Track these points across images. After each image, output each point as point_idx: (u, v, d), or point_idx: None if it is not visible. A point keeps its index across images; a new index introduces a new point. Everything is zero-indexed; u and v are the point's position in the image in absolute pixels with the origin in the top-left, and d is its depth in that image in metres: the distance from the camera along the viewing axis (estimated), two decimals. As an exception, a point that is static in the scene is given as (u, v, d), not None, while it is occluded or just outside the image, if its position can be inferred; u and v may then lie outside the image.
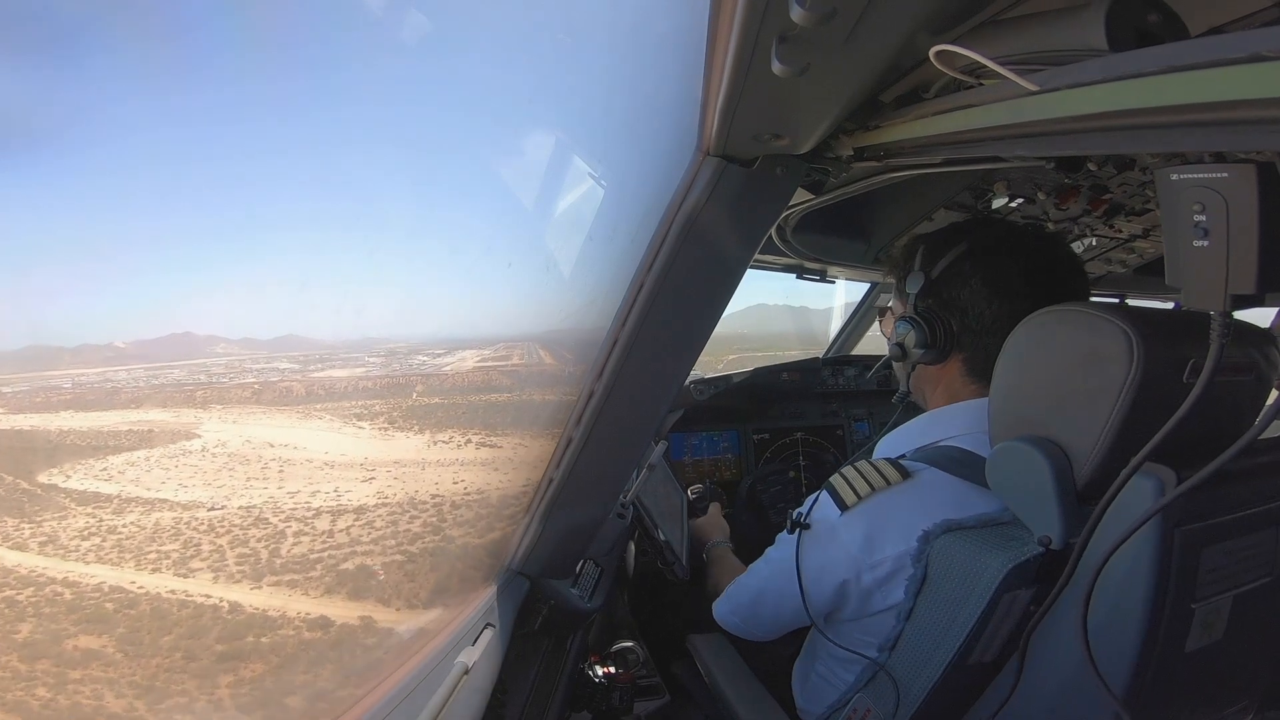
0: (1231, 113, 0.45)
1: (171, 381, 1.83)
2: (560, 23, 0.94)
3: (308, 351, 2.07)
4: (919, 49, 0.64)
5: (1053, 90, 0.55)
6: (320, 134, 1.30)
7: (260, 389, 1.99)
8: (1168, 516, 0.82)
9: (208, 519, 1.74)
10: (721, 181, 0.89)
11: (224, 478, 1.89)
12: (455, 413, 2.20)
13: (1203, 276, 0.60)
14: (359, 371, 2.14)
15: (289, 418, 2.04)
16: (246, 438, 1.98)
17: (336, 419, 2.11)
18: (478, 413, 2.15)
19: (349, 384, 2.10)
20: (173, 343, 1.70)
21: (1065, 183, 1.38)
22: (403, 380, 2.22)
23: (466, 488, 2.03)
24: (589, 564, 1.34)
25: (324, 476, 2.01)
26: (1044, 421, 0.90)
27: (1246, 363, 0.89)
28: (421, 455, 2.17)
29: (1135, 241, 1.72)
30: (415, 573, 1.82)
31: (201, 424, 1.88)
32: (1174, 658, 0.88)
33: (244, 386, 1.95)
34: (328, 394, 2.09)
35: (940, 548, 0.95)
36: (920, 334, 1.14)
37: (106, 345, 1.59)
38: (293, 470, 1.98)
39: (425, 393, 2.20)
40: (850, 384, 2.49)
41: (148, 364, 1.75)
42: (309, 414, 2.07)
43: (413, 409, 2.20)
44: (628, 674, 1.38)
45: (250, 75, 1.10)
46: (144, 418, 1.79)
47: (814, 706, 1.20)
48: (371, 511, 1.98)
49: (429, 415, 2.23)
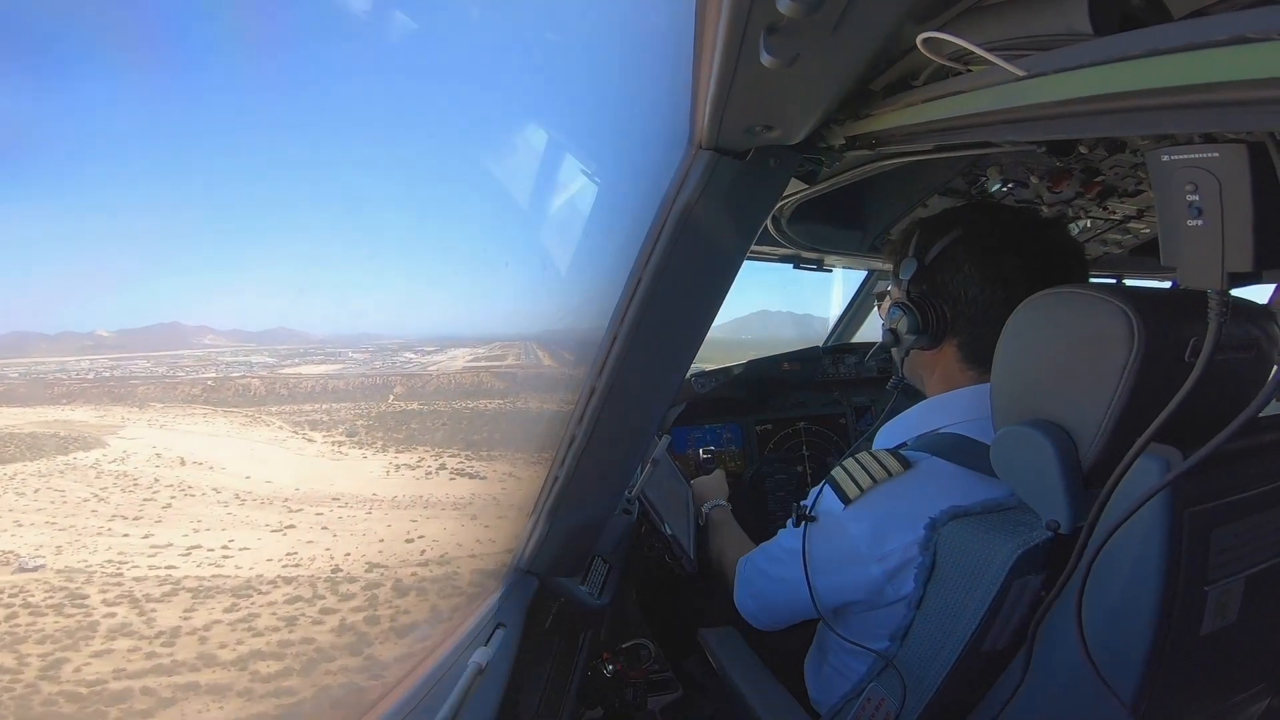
0: (1218, 94, 0.45)
1: (127, 373, 1.56)
2: (548, 19, 0.94)
3: (293, 345, 1.82)
4: (906, 37, 0.64)
5: (1040, 75, 0.55)
6: (318, 133, 1.30)
7: (216, 385, 1.69)
8: (1177, 499, 0.81)
9: (5, 584, 1.26)
10: (715, 174, 0.89)
11: (81, 513, 1.43)
12: (433, 424, 1.87)
13: (1198, 255, 0.60)
14: (334, 369, 1.83)
15: (230, 423, 1.68)
16: (159, 450, 1.60)
17: (287, 426, 1.75)
18: (460, 424, 1.86)
19: (317, 383, 1.79)
20: (160, 332, 1.58)
21: (1057, 166, 1.38)
22: (380, 380, 1.92)
23: (425, 551, 1.43)
24: (597, 561, 1.34)
25: (222, 519, 1.51)
26: (1047, 405, 0.90)
27: (1247, 340, 0.88)
28: (373, 489, 1.72)
29: (1129, 222, 1.72)
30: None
31: (121, 428, 1.55)
32: (1189, 642, 0.87)
33: (197, 382, 1.67)
34: (290, 394, 1.77)
35: (948, 534, 0.95)
36: (913, 320, 1.14)
37: (89, 334, 1.49)
38: (183, 507, 1.51)
39: (404, 396, 1.89)
40: (851, 372, 2.49)
41: (114, 354, 1.55)
42: (257, 418, 1.73)
43: (383, 416, 1.86)
44: (640, 670, 1.39)
45: (248, 75, 1.10)
46: (61, 417, 1.47)
47: (827, 698, 1.20)
48: (262, 594, 1.35)
49: (401, 425, 1.86)
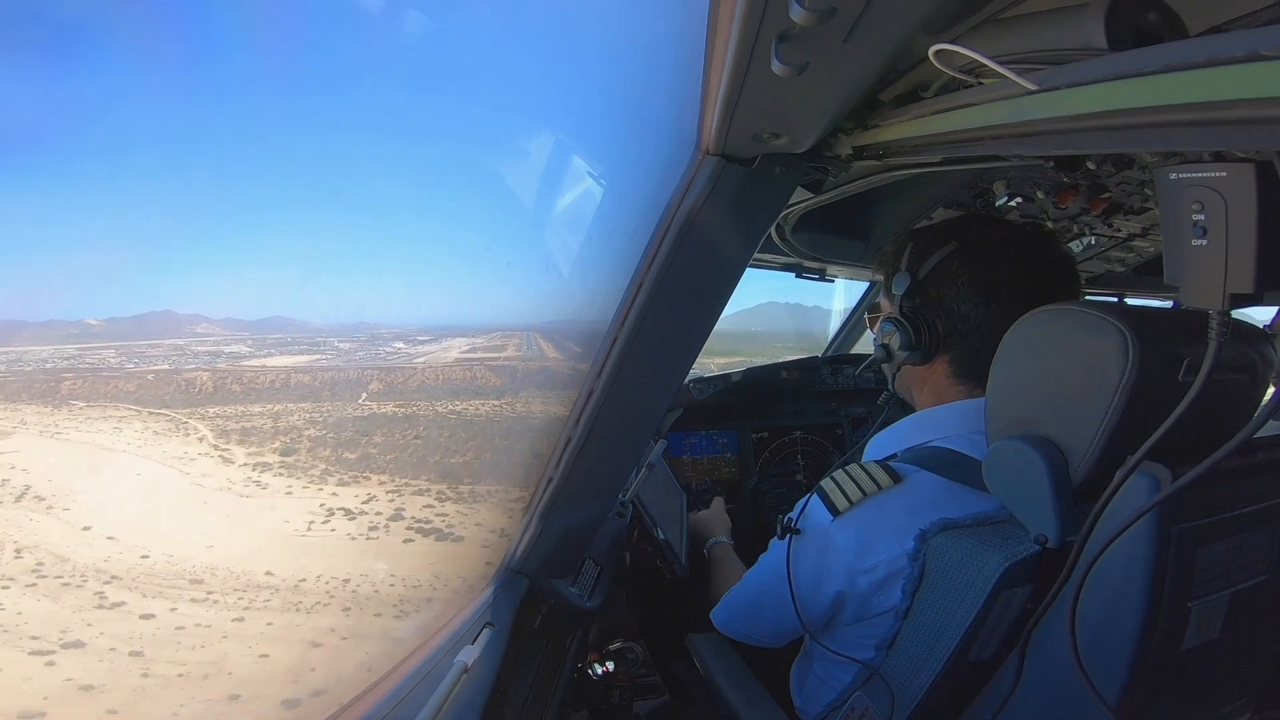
0: (1230, 112, 0.45)
1: (73, 366, 1.39)
2: (560, 22, 0.94)
3: (282, 335, 1.58)
4: (918, 48, 0.64)
5: (1052, 89, 0.55)
6: (324, 133, 1.30)
7: (156, 380, 1.46)
8: (1165, 515, 0.82)
9: None
10: (721, 180, 0.89)
11: None
12: (405, 435, 1.50)
13: (1201, 275, 0.60)
14: (304, 360, 1.55)
15: (143, 431, 1.41)
16: (4, 476, 1.34)
17: (211, 436, 1.42)
18: (440, 436, 1.53)
19: (278, 377, 1.51)
20: (151, 321, 1.49)
21: (1064, 181, 1.38)
22: (355, 375, 1.57)
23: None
24: (588, 563, 1.34)
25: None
26: (1040, 420, 0.90)
27: (1243, 361, 0.89)
28: (276, 555, 1.27)
29: (1134, 240, 1.72)
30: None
31: (9, 435, 1.36)
32: (1170, 656, 0.88)
33: (134, 376, 1.44)
34: (243, 391, 1.47)
35: (937, 546, 0.96)
36: (905, 335, 1.13)
37: (76, 322, 1.41)
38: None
39: (380, 394, 1.53)
40: (849, 382, 2.49)
41: (82, 344, 1.40)
42: (183, 424, 1.43)
43: (342, 424, 1.51)
44: (627, 673, 1.38)
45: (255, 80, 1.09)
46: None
47: (812, 706, 1.20)
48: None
49: (362, 437, 1.48)
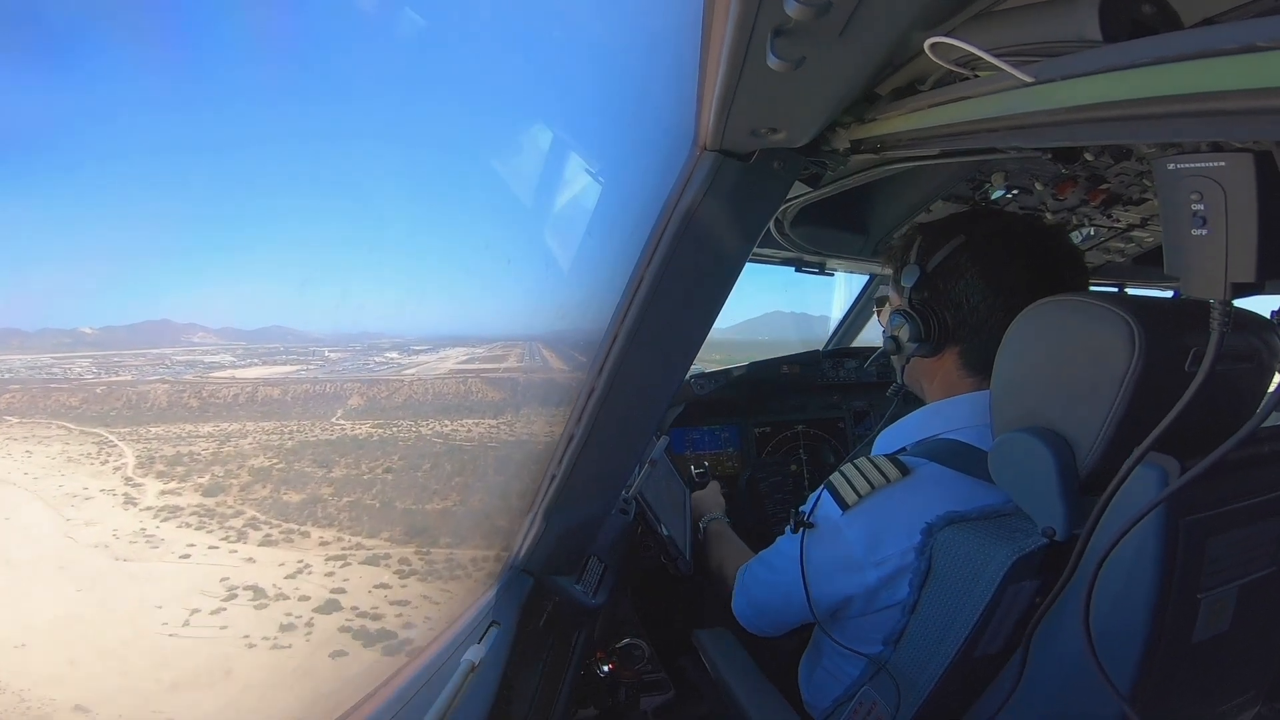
0: (1226, 103, 0.45)
1: (20, 377, 1.27)
2: (556, 19, 0.94)
3: (274, 345, 1.43)
4: (914, 41, 0.64)
5: (1048, 81, 0.55)
6: (320, 131, 1.30)
7: (106, 394, 1.34)
8: (1173, 507, 0.82)
9: None
10: (719, 176, 0.89)
11: None
12: (374, 464, 1.27)
13: (1202, 265, 0.60)
14: (279, 371, 1.44)
15: (62, 452, 1.24)
16: None
17: (133, 463, 1.26)
18: (419, 467, 1.29)
19: (243, 390, 1.38)
20: (148, 330, 1.46)
21: (1062, 173, 1.38)
22: (333, 389, 1.45)
23: None
24: (593, 560, 1.34)
25: None
26: (1046, 412, 0.90)
27: (1247, 350, 0.89)
28: (126, 670, 1.14)
29: (1133, 231, 1.72)
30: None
31: None
32: (1181, 649, 0.88)
33: (82, 389, 1.31)
34: (200, 406, 1.33)
35: (944, 540, 0.96)
36: (915, 327, 1.14)
37: (70, 331, 1.37)
38: None
39: (357, 411, 1.36)
40: (851, 376, 2.49)
41: (59, 353, 1.38)
42: (108, 445, 1.25)
43: (300, 450, 1.34)
44: (633, 670, 1.39)
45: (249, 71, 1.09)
46: None
47: (820, 701, 1.20)
48: None
49: (319, 468, 1.27)
